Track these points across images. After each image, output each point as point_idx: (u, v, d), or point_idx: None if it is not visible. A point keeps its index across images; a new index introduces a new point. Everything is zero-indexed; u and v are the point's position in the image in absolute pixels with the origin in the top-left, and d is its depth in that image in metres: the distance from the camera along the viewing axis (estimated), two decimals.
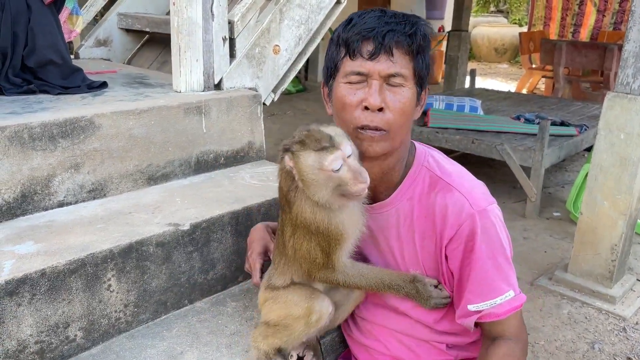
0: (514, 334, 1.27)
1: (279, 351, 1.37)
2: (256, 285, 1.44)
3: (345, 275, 1.27)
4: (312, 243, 1.22)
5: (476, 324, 1.28)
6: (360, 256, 1.36)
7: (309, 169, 1.14)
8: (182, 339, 1.46)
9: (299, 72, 8.70)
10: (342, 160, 1.13)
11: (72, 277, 1.33)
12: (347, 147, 1.14)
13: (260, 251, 1.48)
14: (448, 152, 2.73)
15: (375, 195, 1.32)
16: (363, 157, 1.21)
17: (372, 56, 1.15)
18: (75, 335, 1.37)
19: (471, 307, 1.25)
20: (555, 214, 4.05)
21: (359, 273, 1.28)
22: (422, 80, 1.21)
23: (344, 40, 1.18)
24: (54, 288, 1.30)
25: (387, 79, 1.16)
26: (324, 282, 1.31)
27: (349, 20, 1.21)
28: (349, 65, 1.18)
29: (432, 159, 1.31)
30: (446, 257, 1.26)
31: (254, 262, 1.47)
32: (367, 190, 1.16)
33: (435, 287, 1.30)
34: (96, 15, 2.99)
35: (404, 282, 1.28)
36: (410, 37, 1.16)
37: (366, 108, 1.17)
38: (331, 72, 1.24)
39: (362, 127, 1.18)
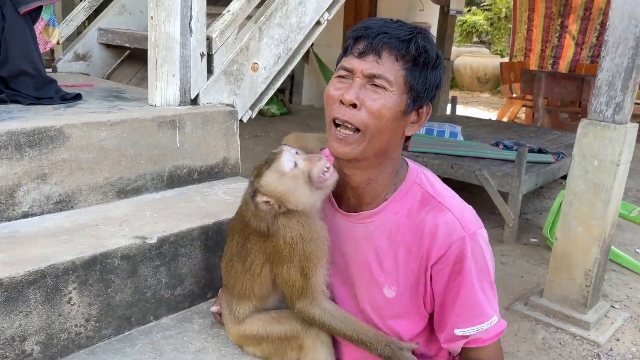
0: None
1: None
2: (211, 311, 1.54)
3: (322, 309, 1.28)
4: (292, 265, 1.25)
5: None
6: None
7: (276, 182, 1.21)
8: (145, 355, 1.42)
9: (284, 95, 8.79)
10: (292, 157, 1.22)
11: (31, 289, 1.28)
12: (292, 149, 1.24)
13: None
14: None
15: (360, 207, 1.31)
16: (337, 159, 1.24)
17: (361, 54, 1.15)
18: (32, 350, 1.32)
19: (458, 332, 1.23)
20: (532, 240, 4.08)
21: (336, 314, 1.29)
22: (416, 93, 1.17)
23: (347, 39, 1.21)
24: (10, 299, 1.25)
25: (370, 79, 1.15)
26: (302, 316, 1.30)
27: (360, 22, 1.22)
28: (342, 61, 1.21)
29: (424, 176, 1.30)
30: (431, 277, 1.24)
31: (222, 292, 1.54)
32: (334, 170, 1.23)
33: (412, 352, 1.29)
34: (79, 28, 2.99)
35: (378, 342, 1.26)
36: (403, 42, 1.14)
37: (342, 102, 1.17)
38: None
39: (335, 120, 1.18)
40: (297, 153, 1.25)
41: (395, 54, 1.14)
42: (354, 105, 1.15)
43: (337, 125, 1.19)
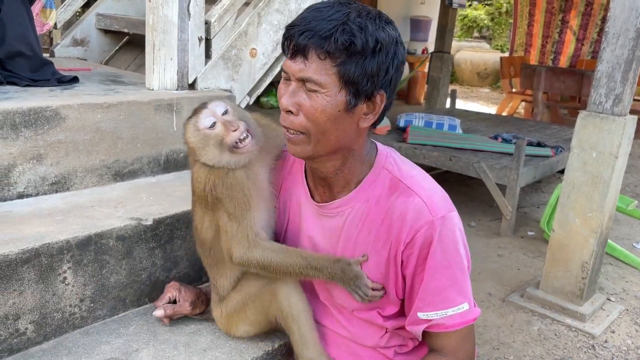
0: (451, 351, 1.24)
1: None
2: (156, 316, 1.44)
3: (263, 250, 1.24)
4: (220, 211, 1.26)
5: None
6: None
7: (190, 133, 1.26)
8: (139, 336, 1.42)
9: None
10: (212, 117, 1.23)
11: (25, 267, 1.28)
12: (219, 107, 1.25)
13: (178, 286, 1.48)
14: (427, 169, 2.74)
15: (333, 195, 1.30)
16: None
17: (292, 56, 1.12)
18: (26, 329, 1.32)
19: (421, 315, 1.22)
20: (529, 233, 4.07)
21: (278, 248, 1.26)
22: (356, 87, 1.10)
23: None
24: (4, 277, 1.25)
25: (302, 82, 1.11)
26: (243, 266, 1.27)
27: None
28: (284, 62, 1.18)
29: (393, 160, 1.28)
30: (402, 262, 1.23)
31: (167, 288, 1.48)
32: (252, 143, 1.23)
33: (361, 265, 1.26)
34: (77, 14, 2.97)
35: (327, 261, 1.25)
36: (324, 39, 1.06)
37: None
38: None
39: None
40: (225, 112, 1.25)
41: (319, 52, 1.07)
42: (291, 111, 1.14)
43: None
